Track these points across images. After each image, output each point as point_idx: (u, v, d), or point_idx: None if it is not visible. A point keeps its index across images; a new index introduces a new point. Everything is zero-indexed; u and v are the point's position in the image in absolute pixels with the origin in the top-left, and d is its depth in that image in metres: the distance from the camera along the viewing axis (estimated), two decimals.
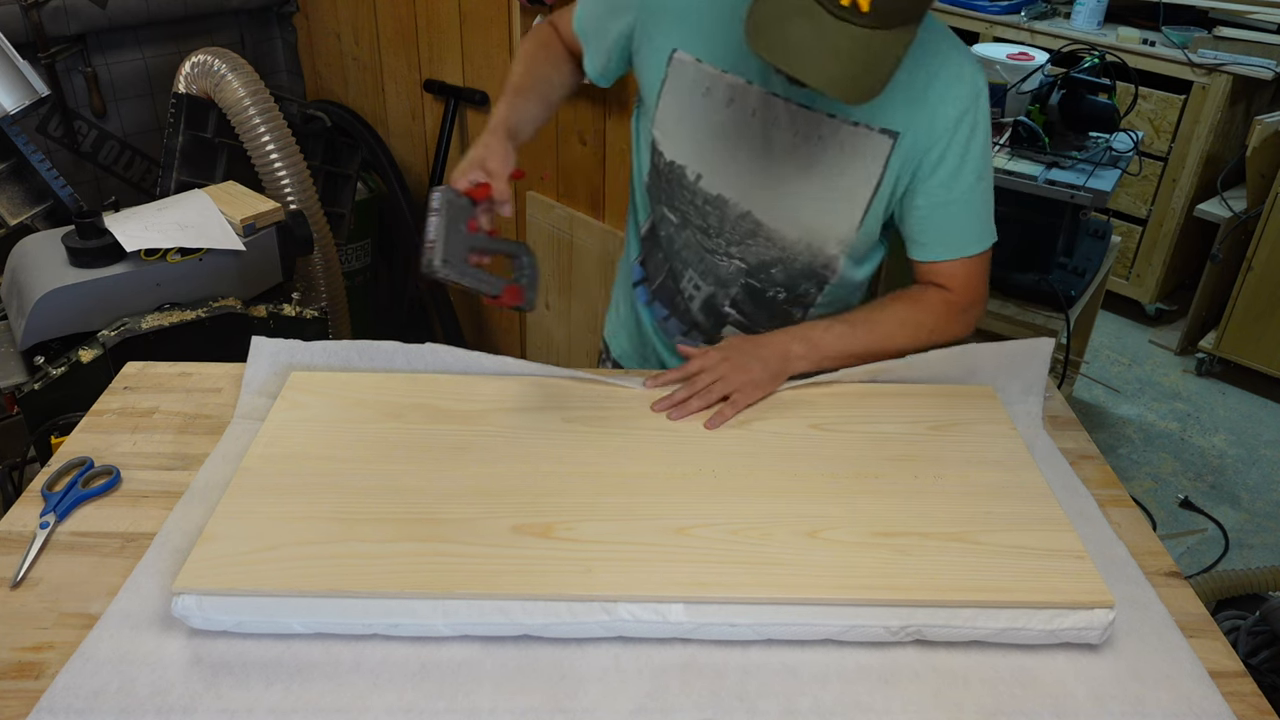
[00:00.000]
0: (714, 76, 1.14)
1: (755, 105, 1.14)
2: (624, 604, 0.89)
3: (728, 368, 1.12)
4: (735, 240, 1.23)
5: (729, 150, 1.17)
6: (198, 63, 2.25)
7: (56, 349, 1.73)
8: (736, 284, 1.27)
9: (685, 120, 1.17)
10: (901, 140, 1.13)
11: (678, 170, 1.21)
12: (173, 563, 0.94)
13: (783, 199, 1.18)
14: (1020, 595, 0.90)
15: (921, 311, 1.20)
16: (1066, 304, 2.38)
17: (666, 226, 1.28)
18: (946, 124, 1.12)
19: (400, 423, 1.12)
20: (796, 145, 1.14)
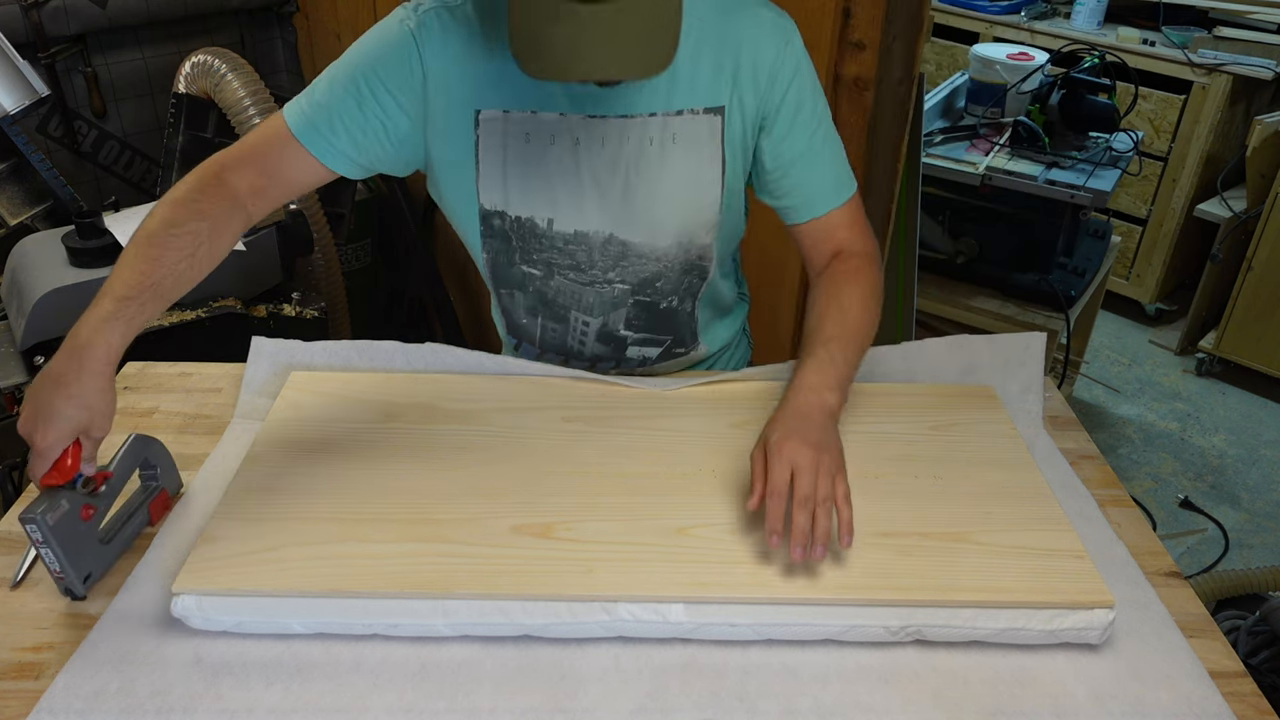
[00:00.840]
0: (527, 120, 1.08)
1: (578, 133, 1.09)
2: (624, 604, 0.89)
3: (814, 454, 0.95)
4: (609, 265, 1.18)
5: (570, 186, 1.12)
6: (198, 63, 2.25)
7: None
8: (624, 305, 1.23)
9: (515, 173, 1.11)
10: (729, 113, 1.11)
11: (526, 224, 1.14)
12: (173, 563, 0.94)
13: (641, 212, 1.14)
14: (1020, 595, 0.90)
15: (867, 282, 1.15)
16: (1066, 304, 2.38)
17: (531, 284, 1.21)
18: (765, 81, 1.10)
19: (400, 423, 1.12)
20: (634, 156, 1.10)
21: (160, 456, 1.03)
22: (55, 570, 0.91)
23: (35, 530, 0.88)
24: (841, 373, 1.07)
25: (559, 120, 1.08)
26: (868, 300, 1.14)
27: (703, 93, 1.09)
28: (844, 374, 1.07)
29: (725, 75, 1.09)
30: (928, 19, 2.03)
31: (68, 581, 0.92)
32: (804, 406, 1.02)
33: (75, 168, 2.53)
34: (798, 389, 1.05)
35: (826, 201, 1.17)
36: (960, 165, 2.39)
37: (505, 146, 1.10)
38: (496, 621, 0.88)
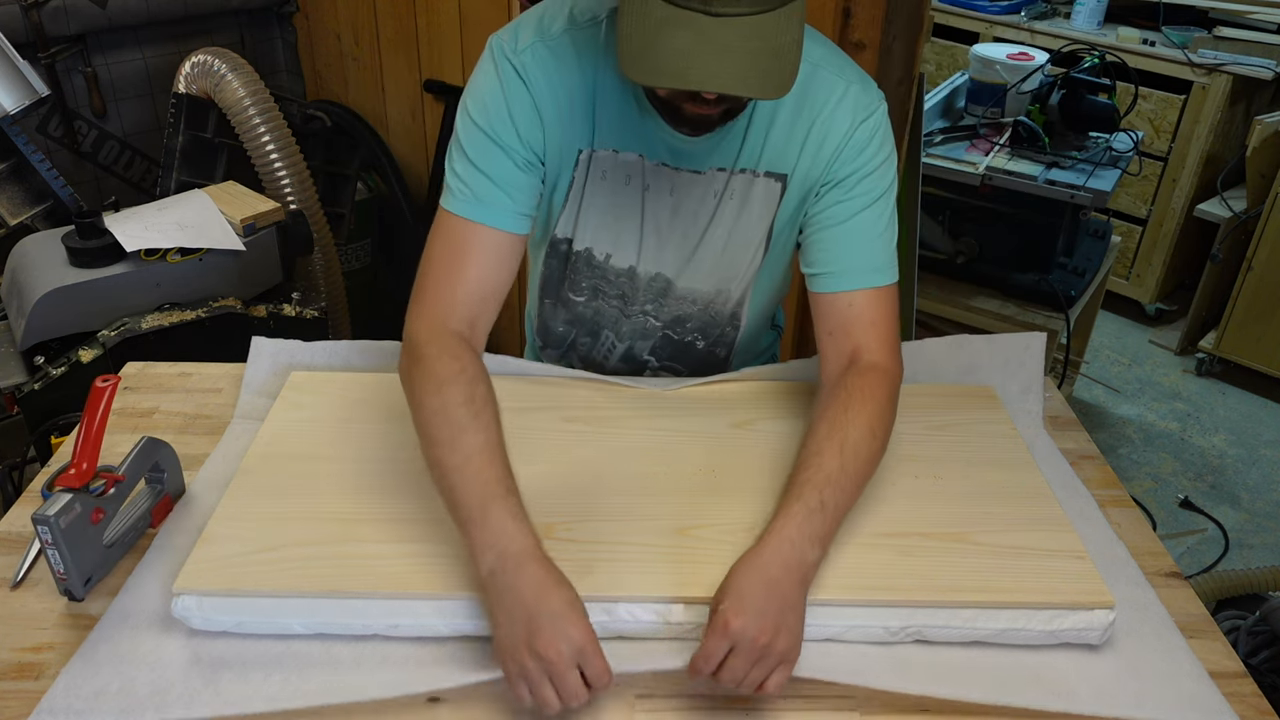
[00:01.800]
0: (609, 159, 1.09)
1: (649, 179, 1.10)
2: (624, 604, 0.89)
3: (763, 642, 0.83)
4: (649, 300, 1.21)
5: (632, 227, 1.14)
6: (198, 63, 2.25)
7: (56, 349, 1.73)
8: (655, 336, 1.26)
9: (588, 208, 1.13)
10: (791, 180, 1.10)
11: (585, 255, 1.18)
12: (173, 563, 0.94)
13: (689, 259, 1.16)
14: (1020, 596, 0.90)
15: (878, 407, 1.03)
16: (1066, 304, 2.38)
17: (571, 307, 1.25)
18: (830, 153, 1.07)
19: (400, 423, 1.12)
20: (694, 209, 1.12)
21: (169, 460, 1.03)
22: (59, 571, 0.91)
23: (46, 532, 0.89)
24: (830, 524, 0.94)
25: (636, 162, 1.09)
26: (875, 428, 1.01)
27: (770, 157, 1.09)
28: (832, 525, 0.94)
29: (796, 144, 1.08)
30: (928, 19, 2.03)
31: (69, 583, 0.92)
32: (774, 568, 0.88)
33: (75, 168, 2.53)
34: (777, 538, 0.90)
35: (854, 279, 1.08)
36: (960, 165, 2.39)
37: (585, 182, 1.11)
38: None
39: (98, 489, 0.93)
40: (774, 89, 0.87)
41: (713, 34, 0.83)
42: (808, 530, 0.91)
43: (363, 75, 2.84)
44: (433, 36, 2.54)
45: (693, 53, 0.83)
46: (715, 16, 0.82)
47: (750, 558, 0.89)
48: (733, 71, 0.84)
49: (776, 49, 0.86)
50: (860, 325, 1.08)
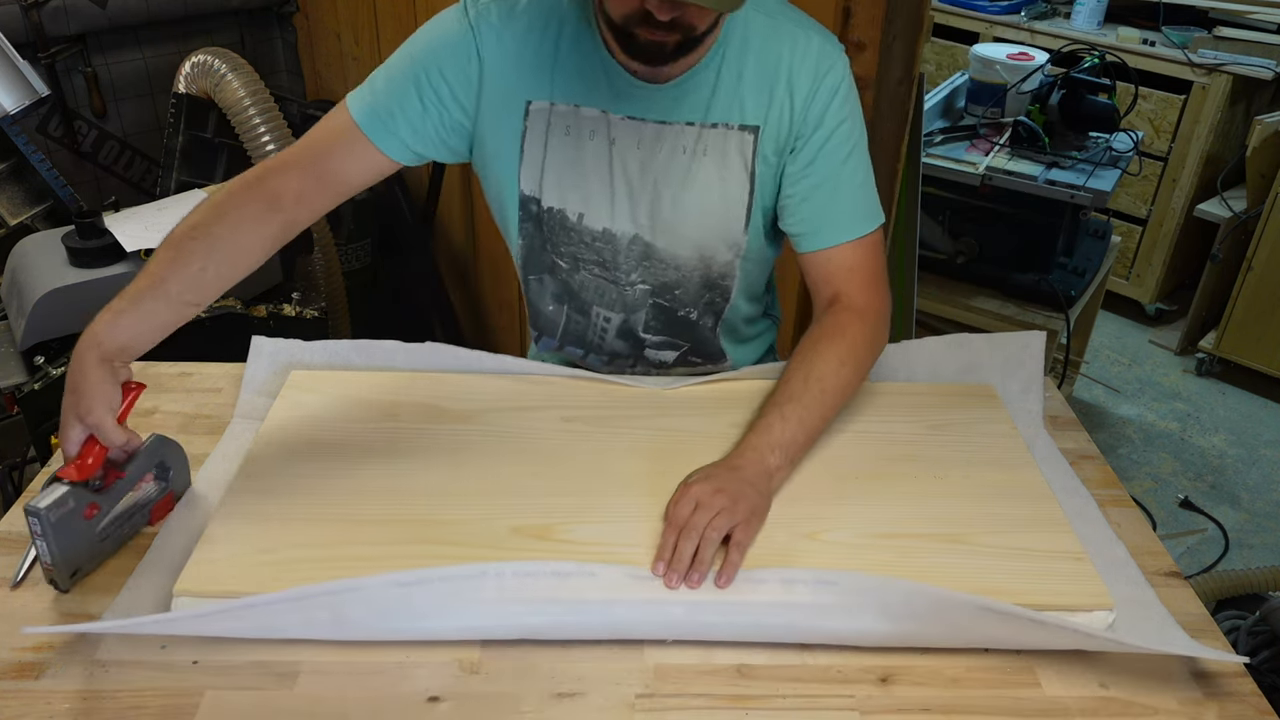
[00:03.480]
0: (569, 113, 1.11)
1: (615, 133, 1.11)
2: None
3: (723, 500, 0.93)
4: (632, 267, 1.20)
5: (602, 183, 1.14)
6: (198, 63, 2.25)
7: (56, 349, 1.73)
8: (644, 307, 1.24)
9: (552, 164, 1.14)
10: (763, 133, 1.11)
11: (557, 215, 1.17)
12: (173, 563, 0.94)
13: (665, 219, 1.15)
14: (1020, 597, 0.90)
15: (850, 341, 1.10)
16: (1066, 304, 2.38)
17: (559, 273, 1.23)
18: (800, 105, 1.10)
19: (400, 422, 1.12)
20: (664, 163, 1.12)
21: (176, 459, 1.03)
22: (45, 563, 0.92)
23: (36, 523, 0.89)
24: (790, 435, 1.02)
25: (600, 117, 1.11)
26: (845, 359, 1.09)
27: (740, 109, 1.10)
28: (793, 436, 1.02)
29: (764, 95, 1.10)
30: (928, 19, 2.03)
31: (55, 574, 0.92)
32: (737, 463, 0.99)
33: (75, 168, 2.53)
34: (739, 449, 1.02)
35: (835, 234, 1.13)
36: (960, 165, 2.39)
37: (547, 136, 1.12)
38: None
39: (96, 483, 0.93)
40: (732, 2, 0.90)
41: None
42: (766, 438, 1.01)
43: (363, 75, 2.82)
44: None
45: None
46: None
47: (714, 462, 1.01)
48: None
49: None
50: (840, 274, 1.14)
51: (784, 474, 1.02)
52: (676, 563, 0.90)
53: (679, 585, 0.89)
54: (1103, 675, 0.89)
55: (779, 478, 1.01)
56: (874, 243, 1.15)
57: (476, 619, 0.88)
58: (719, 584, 0.90)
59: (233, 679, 0.85)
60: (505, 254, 1.28)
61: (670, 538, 0.92)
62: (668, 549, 0.91)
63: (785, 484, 1.04)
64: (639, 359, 1.31)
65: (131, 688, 0.84)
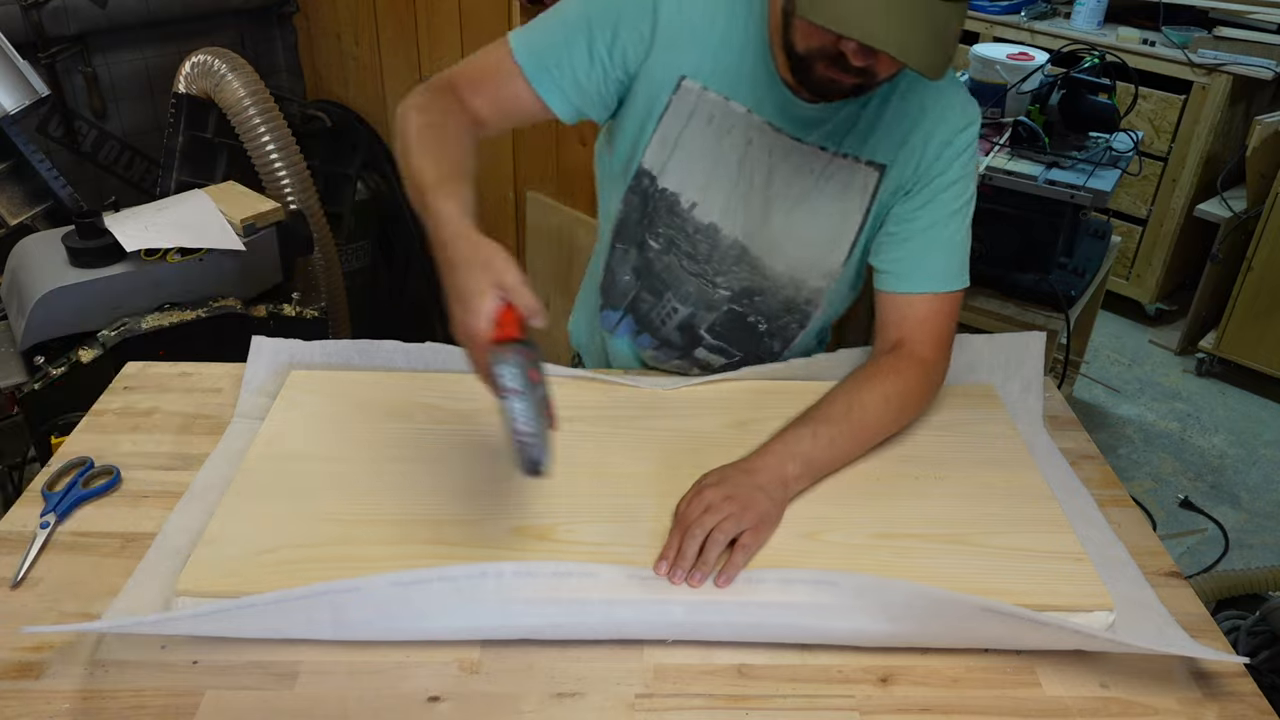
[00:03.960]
0: (718, 104, 1.10)
1: (753, 135, 1.11)
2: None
3: (733, 506, 0.93)
4: (723, 269, 1.20)
5: (726, 180, 1.14)
6: (198, 63, 2.25)
7: (56, 349, 1.73)
8: (719, 309, 1.24)
9: (685, 148, 1.13)
10: (888, 172, 1.12)
11: (670, 197, 1.16)
12: (173, 563, 0.94)
13: (772, 231, 1.16)
14: (1020, 598, 0.89)
15: (903, 385, 1.09)
16: (1066, 304, 2.38)
17: (647, 250, 1.23)
18: (930, 154, 1.10)
19: (400, 422, 1.12)
20: (788, 178, 1.12)
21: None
22: (524, 430, 0.78)
23: (508, 373, 0.76)
24: (817, 452, 1.01)
25: (744, 115, 1.10)
26: (891, 399, 1.08)
27: (873, 146, 1.11)
28: (819, 455, 1.02)
29: (899, 137, 1.10)
30: None
31: (534, 447, 0.78)
32: (755, 465, 0.98)
33: (75, 168, 2.53)
34: (762, 450, 1.01)
35: (922, 281, 1.13)
36: None
37: (689, 120, 1.11)
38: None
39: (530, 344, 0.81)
40: (934, 70, 0.90)
41: (898, 3, 0.86)
42: (792, 448, 1.01)
43: (363, 75, 2.84)
44: (433, 36, 2.54)
45: (876, 14, 0.86)
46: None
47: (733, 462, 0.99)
48: (906, 41, 0.87)
49: (943, 36, 0.89)
50: (912, 322, 1.14)
51: (801, 485, 1.01)
52: (680, 560, 0.90)
53: (680, 582, 0.89)
54: (1103, 675, 0.89)
55: (795, 488, 1.00)
56: (953, 302, 1.14)
57: (477, 619, 0.88)
58: (718, 583, 0.90)
59: (233, 679, 0.85)
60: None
61: (676, 537, 0.92)
62: (672, 548, 0.91)
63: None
64: (688, 356, 1.31)
65: (131, 688, 0.84)
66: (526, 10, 2.14)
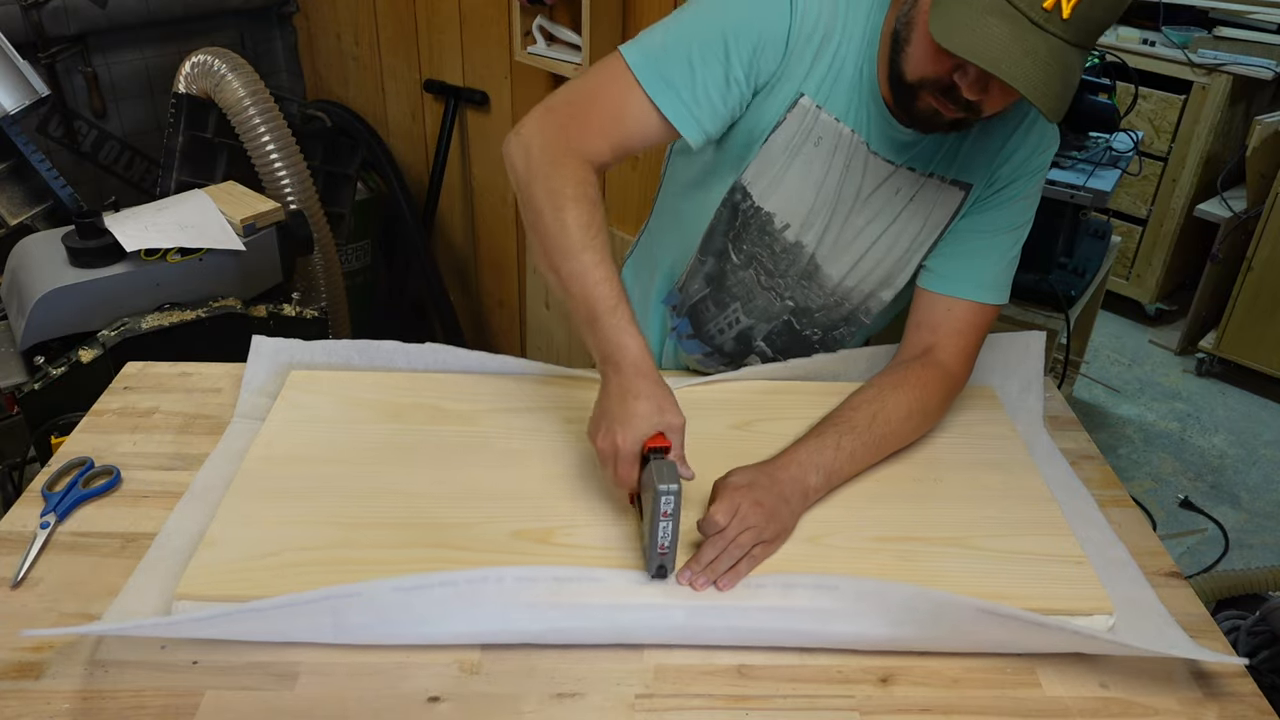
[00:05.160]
0: (829, 125, 1.06)
1: (853, 158, 1.09)
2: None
3: (759, 516, 0.93)
4: (792, 284, 1.19)
5: (822, 202, 1.11)
6: (198, 63, 2.25)
7: (56, 349, 1.73)
8: (778, 320, 1.23)
9: (790, 168, 1.09)
10: (972, 192, 1.11)
11: (764, 216, 1.13)
12: (173, 563, 0.94)
13: (850, 250, 1.15)
14: (1020, 602, 0.89)
15: (927, 399, 1.09)
16: (1066, 304, 2.38)
17: (723, 263, 1.20)
18: (1007, 169, 1.10)
19: (400, 423, 1.12)
20: (876, 200, 1.11)
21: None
22: (666, 548, 0.87)
23: (670, 500, 0.85)
24: (839, 465, 1.02)
25: (849, 137, 1.08)
26: (914, 413, 1.08)
27: (960, 166, 1.10)
28: (841, 467, 1.02)
29: (986, 159, 1.09)
30: None
31: (668, 559, 0.88)
32: (781, 474, 0.98)
33: (75, 168, 2.53)
34: (787, 457, 1.01)
35: (967, 288, 1.13)
36: None
37: (799, 139, 1.08)
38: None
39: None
40: (1057, 113, 0.89)
41: (1030, 40, 0.86)
42: (816, 458, 1.01)
43: (363, 75, 2.84)
44: (433, 36, 2.54)
45: (1008, 47, 0.86)
46: (1038, 27, 0.85)
47: (762, 463, 0.99)
48: (1034, 79, 0.86)
49: (1068, 78, 0.89)
50: (947, 330, 1.13)
51: (819, 497, 1.01)
52: (695, 564, 0.91)
53: (685, 582, 0.90)
54: (1103, 675, 0.89)
55: (813, 499, 1.01)
56: (989, 316, 1.14)
57: (478, 623, 0.88)
58: (719, 587, 0.90)
59: (233, 679, 0.85)
60: (505, 254, 1.28)
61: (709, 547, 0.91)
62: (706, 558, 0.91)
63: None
64: (737, 363, 1.29)
65: (131, 688, 0.84)
66: (526, 10, 2.14)
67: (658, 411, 0.92)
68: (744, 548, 0.91)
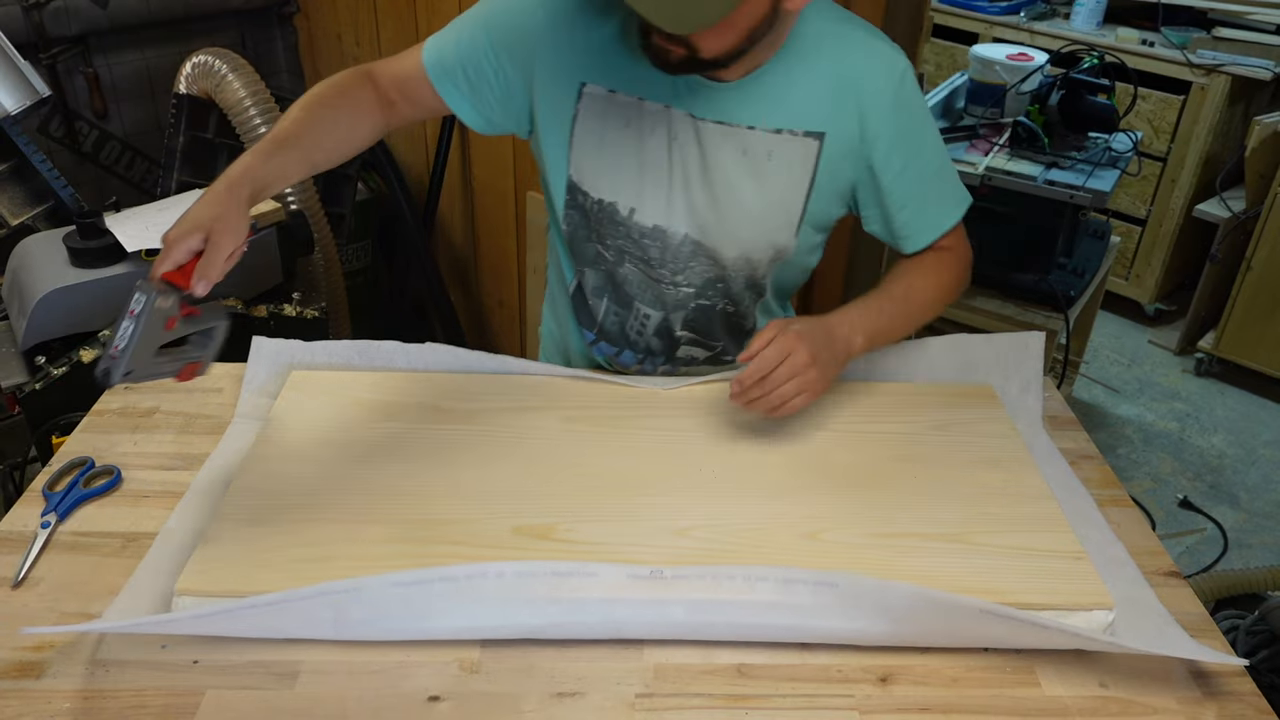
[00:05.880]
0: (631, 105, 1.09)
1: (677, 130, 1.10)
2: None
3: (804, 360, 1.03)
4: (680, 268, 1.19)
5: (658, 179, 1.12)
6: (198, 63, 2.25)
7: (57, 349, 1.73)
8: (687, 306, 1.24)
9: (607, 155, 1.12)
10: (828, 140, 1.11)
11: (608, 208, 1.15)
12: (173, 563, 0.94)
13: (718, 219, 1.15)
14: (1020, 597, 0.90)
15: (951, 272, 1.21)
16: (1066, 304, 2.38)
17: (602, 264, 1.22)
18: (878, 116, 1.10)
19: (400, 423, 1.13)
20: (725, 164, 1.11)
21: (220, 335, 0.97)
22: (117, 346, 0.88)
23: (141, 300, 0.88)
24: (881, 327, 1.14)
25: (662, 112, 1.09)
26: (941, 291, 1.20)
27: (806, 116, 1.10)
28: (882, 330, 1.14)
29: (833, 103, 1.09)
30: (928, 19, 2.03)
31: (115, 364, 0.88)
32: (834, 331, 1.09)
33: (76, 168, 2.53)
34: (840, 316, 1.11)
35: (932, 233, 1.19)
36: (960, 165, 2.39)
37: (604, 127, 1.10)
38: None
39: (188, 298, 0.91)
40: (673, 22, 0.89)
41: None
42: (865, 322, 1.12)
43: None
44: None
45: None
46: None
47: (817, 318, 1.09)
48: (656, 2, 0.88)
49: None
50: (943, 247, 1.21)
51: (861, 352, 1.12)
52: (741, 395, 1.03)
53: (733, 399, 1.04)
54: (1102, 675, 0.89)
55: (855, 354, 1.12)
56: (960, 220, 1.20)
57: (477, 619, 0.88)
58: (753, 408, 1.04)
59: (233, 679, 0.85)
60: (505, 254, 1.28)
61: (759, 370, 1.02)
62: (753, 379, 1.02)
63: (784, 485, 1.04)
64: (671, 358, 1.30)
65: (131, 688, 0.84)
66: None
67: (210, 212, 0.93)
68: (786, 399, 1.03)
